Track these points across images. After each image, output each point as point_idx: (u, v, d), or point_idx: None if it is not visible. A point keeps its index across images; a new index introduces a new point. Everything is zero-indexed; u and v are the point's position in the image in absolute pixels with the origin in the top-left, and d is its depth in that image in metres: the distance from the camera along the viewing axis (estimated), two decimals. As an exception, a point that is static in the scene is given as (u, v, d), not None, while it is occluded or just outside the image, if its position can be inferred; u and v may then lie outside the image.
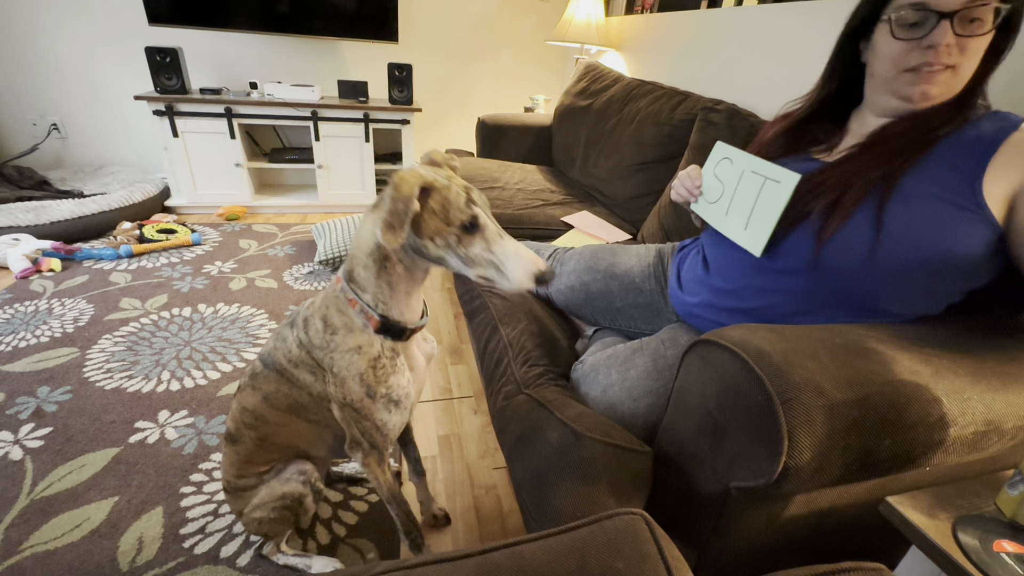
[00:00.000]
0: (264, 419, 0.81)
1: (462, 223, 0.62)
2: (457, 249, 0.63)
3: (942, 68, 0.64)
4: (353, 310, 0.69)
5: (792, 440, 0.50)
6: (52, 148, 2.63)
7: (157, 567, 0.92)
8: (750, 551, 0.68)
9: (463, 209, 0.62)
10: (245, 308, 1.76)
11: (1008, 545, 0.50)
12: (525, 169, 2.17)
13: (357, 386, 0.70)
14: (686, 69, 1.99)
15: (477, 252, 0.63)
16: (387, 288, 0.68)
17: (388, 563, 0.40)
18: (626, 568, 0.37)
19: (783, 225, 0.72)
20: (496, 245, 0.63)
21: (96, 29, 2.44)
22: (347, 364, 0.70)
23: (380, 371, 0.70)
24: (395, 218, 0.58)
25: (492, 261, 0.63)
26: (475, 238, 0.63)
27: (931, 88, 0.66)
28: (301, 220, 2.64)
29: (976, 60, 0.64)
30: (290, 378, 0.76)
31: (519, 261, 0.62)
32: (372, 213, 0.66)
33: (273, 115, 2.49)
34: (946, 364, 0.58)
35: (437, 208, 0.62)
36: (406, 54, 2.84)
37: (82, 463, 1.12)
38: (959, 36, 0.62)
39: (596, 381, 0.84)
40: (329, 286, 0.74)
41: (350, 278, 0.70)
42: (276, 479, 0.86)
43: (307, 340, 0.73)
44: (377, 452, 0.78)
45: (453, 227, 0.62)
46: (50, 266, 1.89)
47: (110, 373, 1.40)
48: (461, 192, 0.63)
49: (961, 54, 0.63)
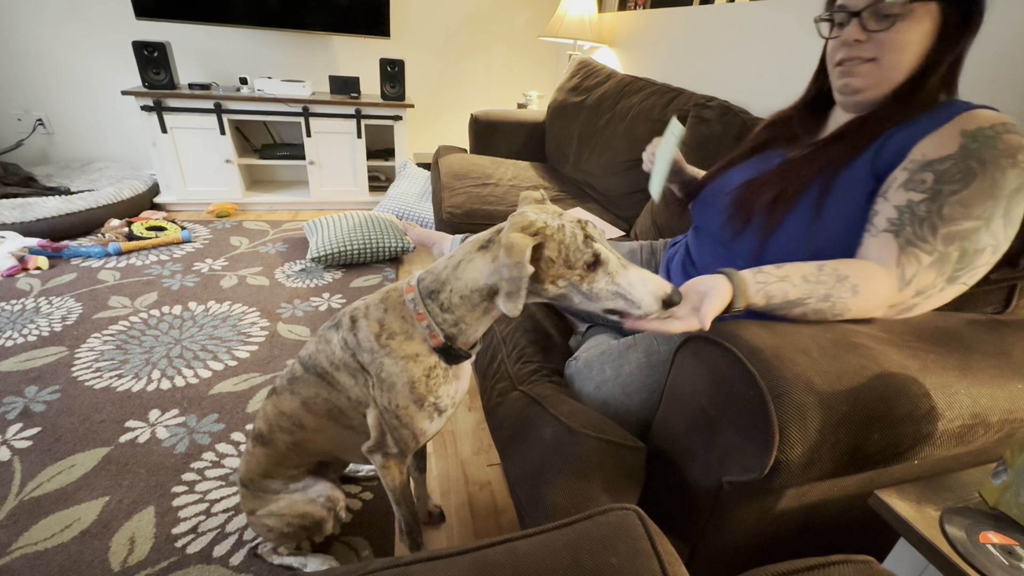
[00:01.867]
0: (301, 424, 0.79)
1: (585, 263, 0.60)
2: (580, 287, 0.61)
3: (861, 61, 0.67)
4: (420, 324, 0.67)
5: (783, 435, 0.51)
6: (38, 144, 2.59)
7: (149, 567, 0.92)
8: (742, 545, 0.69)
9: (582, 249, 0.60)
10: (237, 306, 1.75)
11: (994, 536, 0.51)
12: (518, 166, 2.16)
13: (406, 392, 0.68)
14: (679, 65, 1.99)
15: (601, 287, 0.61)
16: (481, 313, 0.66)
17: (383, 560, 0.40)
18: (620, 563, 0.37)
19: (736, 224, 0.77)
20: (620, 276, 0.61)
21: (82, 22, 2.40)
22: (399, 370, 0.68)
23: (433, 380, 0.69)
24: (512, 285, 0.57)
25: (619, 293, 0.61)
26: (598, 273, 0.61)
27: (853, 80, 0.69)
28: (293, 217, 2.62)
29: (903, 54, 0.65)
30: (331, 381, 0.74)
31: (645, 288, 0.60)
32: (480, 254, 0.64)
33: (264, 111, 2.46)
34: (934, 359, 0.59)
35: (554, 256, 0.60)
36: (398, 49, 2.83)
37: (72, 463, 1.11)
38: (871, 32, 0.65)
39: (590, 377, 0.85)
40: (390, 290, 0.71)
41: (430, 296, 0.67)
42: (302, 494, 0.85)
43: (354, 342, 0.70)
44: (401, 456, 0.77)
45: (576, 269, 0.60)
46: (37, 264, 1.87)
47: (99, 372, 1.38)
48: (578, 231, 0.60)
49: (879, 48, 0.65)
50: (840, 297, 0.61)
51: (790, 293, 0.61)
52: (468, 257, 0.65)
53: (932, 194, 0.60)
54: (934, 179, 0.60)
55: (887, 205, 0.63)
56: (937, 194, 0.59)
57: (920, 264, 0.60)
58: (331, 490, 0.87)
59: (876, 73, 0.67)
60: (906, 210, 0.61)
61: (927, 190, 0.60)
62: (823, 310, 0.61)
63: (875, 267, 0.62)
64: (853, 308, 0.61)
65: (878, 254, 0.62)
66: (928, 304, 0.63)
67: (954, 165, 0.59)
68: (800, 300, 0.61)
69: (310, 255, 2.02)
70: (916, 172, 0.62)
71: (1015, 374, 0.61)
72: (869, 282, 0.61)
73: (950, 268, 0.60)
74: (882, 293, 0.61)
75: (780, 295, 0.61)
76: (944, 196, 0.59)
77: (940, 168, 0.60)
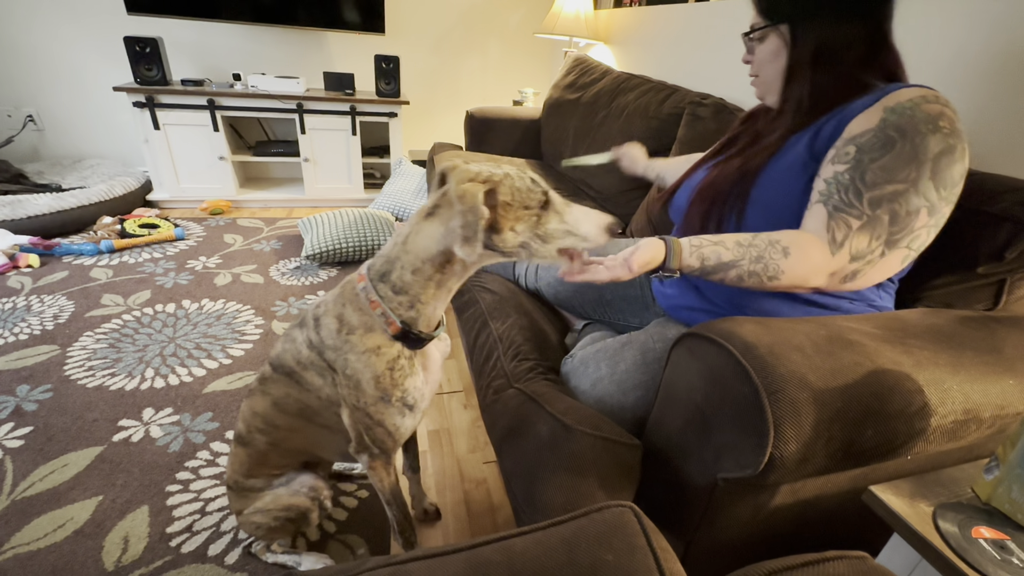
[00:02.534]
0: (275, 424, 0.79)
1: (539, 202, 0.62)
2: (537, 230, 0.63)
3: (753, 75, 0.81)
4: (375, 312, 0.67)
5: (778, 431, 0.51)
6: (28, 140, 2.56)
7: (143, 566, 0.91)
8: (737, 541, 0.69)
9: (533, 188, 0.62)
10: (231, 304, 1.74)
11: (986, 531, 0.52)
12: (514, 163, 2.16)
13: (372, 389, 0.67)
14: (674, 63, 1.99)
15: (554, 227, 0.63)
16: (434, 287, 0.66)
17: (378, 559, 0.40)
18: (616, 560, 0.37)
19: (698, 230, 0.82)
20: (567, 214, 0.64)
21: (73, 17, 2.37)
22: (363, 365, 0.67)
23: (398, 373, 0.68)
24: (469, 230, 0.58)
25: (568, 230, 0.64)
26: (550, 213, 0.63)
27: (755, 90, 0.83)
28: (287, 214, 2.60)
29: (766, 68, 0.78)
30: (299, 381, 0.73)
31: (590, 221, 0.64)
32: (428, 221, 0.64)
33: (257, 107, 2.44)
34: (927, 355, 0.59)
35: (509, 198, 0.61)
36: (393, 46, 2.81)
37: (64, 462, 1.10)
38: (749, 54, 0.80)
39: (586, 375, 0.85)
40: (345, 283, 0.71)
41: (381, 279, 0.67)
42: (285, 488, 0.84)
43: (318, 340, 0.70)
44: (385, 456, 0.76)
45: (532, 210, 0.62)
46: (28, 262, 1.85)
47: (92, 371, 1.37)
48: (524, 175, 0.63)
49: (757, 66, 0.79)
50: (772, 259, 0.64)
51: (723, 255, 0.65)
52: (416, 228, 0.65)
53: (855, 163, 0.64)
54: (856, 150, 0.64)
55: (819, 180, 0.67)
56: (859, 163, 0.63)
57: (850, 228, 0.63)
58: (314, 480, 0.86)
59: (763, 85, 0.80)
60: (832, 181, 0.65)
61: (850, 160, 0.64)
62: (757, 272, 0.65)
63: (808, 234, 0.65)
64: (787, 270, 0.64)
65: (812, 224, 0.66)
66: (873, 271, 0.65)
67: (873, 136, 0.63)
68: (734, 262, 0.65)
69: (305, 253, 2.01)
70: (841, 147, 0.66)
71: (1006, 370, 0.61)
72: (800, 245, 0.64)
73: (884, 232, 0.63)
74: (814, 256, 0.64)
75: (714, 257, 0.66)
76: (865, 164, 0.63)
77: (861, 140, 0.64)
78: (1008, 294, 0.75)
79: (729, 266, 0.65)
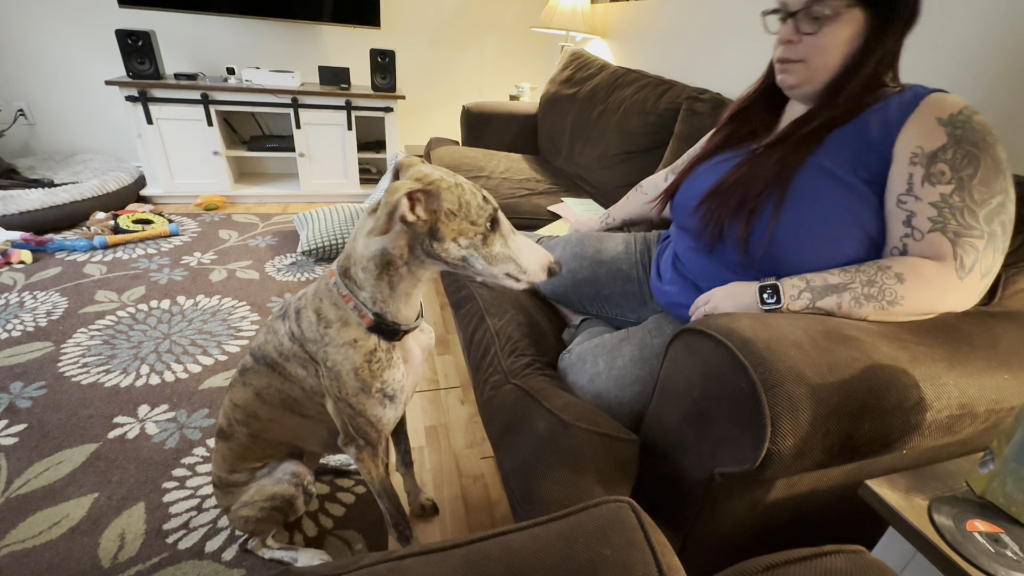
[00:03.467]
0: (256, 415, 0.79)
1: (488, 219, 0.62)
2: (482, 249, 0.63)
3: (793, 60, 0.71)
4: (347, 306, 0.68)
5: (775, 426, 0.51)
6: (19, 135, 2.53)
7: (140, 563, 0.91)
8: (734, 535, 0.70)
9: (483, 206, 0.62)
10: (226, 300, 1.73)
11: (980, 525, 0.52)
12: (511, 158, 2.15)
13: (352, 380, 0.68)
14: (671, 57, 1.99)
15: (499, 249, 0.64)
16: (387, 288, 0.66)
17: (376, 555, 0.39)
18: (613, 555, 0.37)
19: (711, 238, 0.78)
20: (511, 240, 0.64)
21: (63, 10, 2.34)
22: (342, 358, 0.68)
23: (376, 365, 0.69)
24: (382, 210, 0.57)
25: (510, 256, 0.64)
26: (495, 235, 0.63)
27: (788, 77, 0.74)
28: (282, 210, 2.59)
29: (828, 56, 0.69)
30: (282, 372, 0.74)
31: (532, 254, 0.65)
32: (370, 217, 0.64)
33: (252, 102, 2.42)
34: (923, 350, 0.59)
35: (455, 208, 0.60)
36: (389, 40, 2.79)
37: (59, 459, 1.09)
38: (802, 34, 0.69)
39: (583, 370, 0.85)
40: (321, 278, 0.72)
41: (345, 274, 0.68)
42: (268, 478, 0.85)
43: (299, 333, 0.71)
44: (371, 448, 0.77)
45: (479, 227, 0.62)
46: (20, 258, 1.83)
47: (86, 367, 1.36)
48: (476, 191, 0.62)
49: (808, 50, 0.69)
50: (886, 283, 0.63)
51: (830, 279, 0.65)
52: (362, 224, 0.65)
53: (957, 183, 0.62)
54: (950, 170, 0.62)
55: (921, 204, 0.64)
56: (961, 182, 0.62)
57: (977, 250, 0.62)
58: (295, 466, 0.86)
59: (804, 73, 0.72)
60: (943, 205, 0.63)
61: (951, 180, 0.62)
62: (873, 295, 0.63)
63: (924, 260, 0.63)
64: (907, 296, 0.62)
65: (930, 251, 0.64)
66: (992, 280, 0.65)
67: (955, 152, 0.62)
68: (844, 284, 0.64)
69: (301, 248, 2.00)
70: (929, 166, 0.63)
71: (1001, 365, 0.62)
72: (916, 271, 0.63)
73: (1001, 243, 0.63)
74: (937, 281, 0.62)
75: (819, 280, 0.65)
76: (967, 182, 0.62)
77: (946, 158, 0.63)
78: (1003, 289, 0.75)
79: (841, 288, 0.64)
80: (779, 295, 0.66)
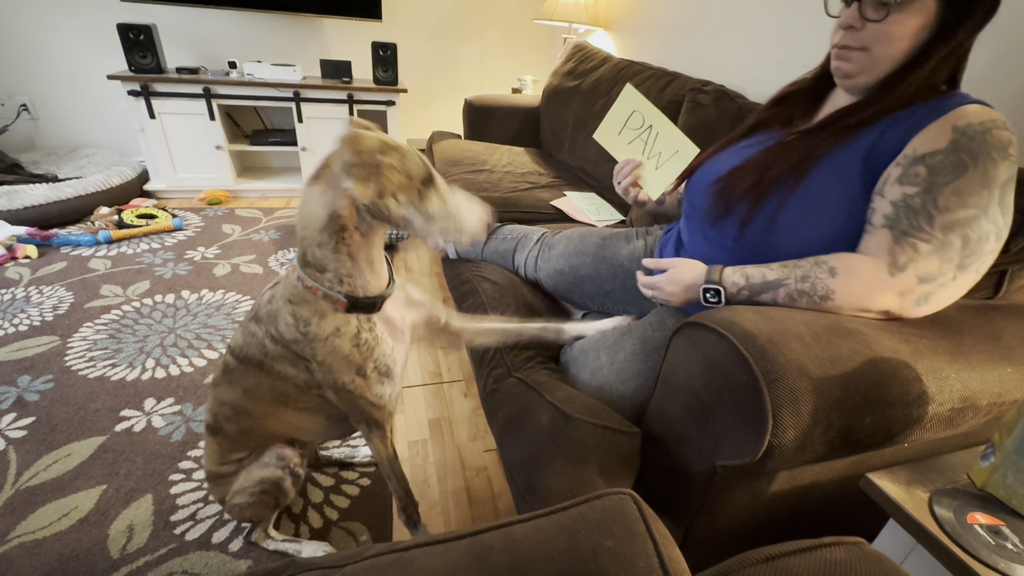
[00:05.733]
0: (246, 412, 0.79)
1: (422, 178, 0.64)
2: (419, 206, 0.64)
3: (853, 48, 0.67)
4: (315, 297, 0.68)
5: (777, 419, 0.51)
6: (23, 130, 2.53)
7: (148, 554, 0.92)
8: (735, 527, 0.70)
9: (419, 164, 0.64)
10: (230, 294, 1.74)
11: (981, 517, 0.52)
12: (513, 151, 2.15)
13: (345, 368, 0.69)
14: (674, 49, 1.97)
15: (436, 207, 0.65)
16: (348, 260, 0.66)
17: (381, 545, 0.40)
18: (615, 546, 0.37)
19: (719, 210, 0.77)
20: (449, 197, 0.66)
21: (65, 5, 2.33)
22: (330, 350, 0.68)
23: (364, 347, 0.70)
24: (363, 171, 0.59)
25: (449, 212, 0.66)
26: (431, 192, 0.65)
27: (844, 65, 0.70)
28: (286, 204, 2.59)
29: (892, 46, 0.64)
30: (270, 371, 0.74)
31: (469, 208, 0.67)
32: (317, 184, 0.64)
33: (254, 95, 2.42)
34: (925, 344, 0.59)
35: (397, 164, 0.62)
36: (390, 32, 2.77)
37: (67, 452, 1.11)
38: (867, 20, 0.65)
39: (585, 364, 0.85)
40: (283, 277, 0.71)
41: (304, 263, 0.67)
42: (254, 464, 0.86)
43: (279, 335, 0.70)
44: (379, 429, 0.79)
45: (415, 182, 0.63)
46: (26, 253, 1.84)
47: (93, 361, 1.37)
48: (414, 151, 0.64)
49: (872, 37, 0.65)
50: (818, 278, 0.63)
51: (768, 275, 0.66)
52: (304, 197, 0.66)
53: (926, 186, 0.60)
54: (927, 172, 0.60)
55: (883, 202, 0.64)
56: (931, 185, 0.60)
57: (916, 251, 0.60)
58: (280, 449, 0.86)
59: (865, 62, 0.67)
60: (901, 204, 0.62)
61: (921, 182, 0.61)
62: (804, 291, 0.64)
63: (859, 256, 0.64)
64: (836, 290, 0.63)
65: (872, 247, 0.64)
66: (945, 293, 0.62)
67: (945, 158, 0.60)
68: (779, 280, 0.65)
69: (304, 243, 2.00)
70: (909, 167, 0.62)
71: (1004, 358, 0.62)
72: (848, 265, 0.63)
73: (957, 256, 0.60)
74: (865, 275, 0.62)
75: (759, 276, 0.67)
76: (938, 187, 0.60)
77: (931, 162, 0.61)
78: (1009, 283, 0.75)
79: (775, 284, 0.65)
80: (721, 296, 0.69)
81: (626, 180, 0.97)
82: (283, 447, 0.87)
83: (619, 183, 1.00)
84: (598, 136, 0.97)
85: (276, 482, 0.85)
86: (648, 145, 0.93)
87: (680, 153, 0.88)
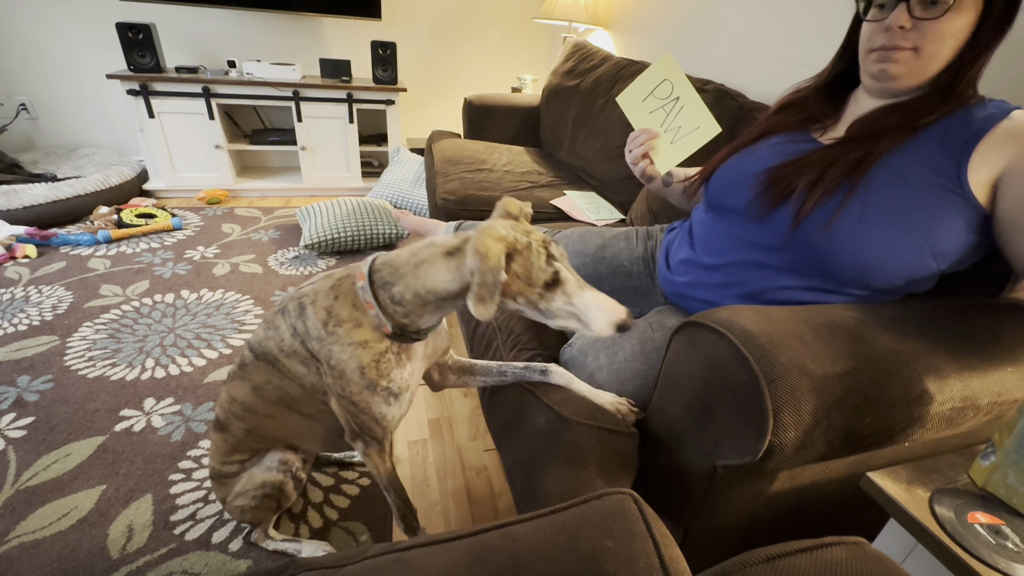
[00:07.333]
0: (253, 410, 0.79)
1: (545, 282, 0.62)
2: (539, 304, 0.63)
3: (902, 49, 0.65)
4: (369, 312, 0.68)
5: (777, 419, 0.51)
6: (22, 129, 2.53)
7: (148, 554, 0.92)
8: (735, 527, 0.70)
9: (544, 268, 0.62)
10: (230, 294, 1.74)
11: (982, 516, 0.52)
12: (513, 151, 2.14)
13: (357, 378, 0.68)
14: (675, 48, 1.97)
15: (558, 306, 0.63)
16: (433, 311, 0.67)
17: (381, 545, 0.40)
18: (616, 546, 0.37)
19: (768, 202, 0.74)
20: (576, 298, 0.63)
21: (64, 4, 2.33)
22: (348, 356, 0.68)
23: (384, 365, 0.69)
24: (485, 291, 0.58)
25: (573, 313, 0.63)
26: (556, 293, 0.63)
27: (891, 67, 0.67)
28: (285, 204, 2.59)
29: (943, 45, 0.63)
30: (281, 369, 0.74)
31: (600, 313, 0.63)
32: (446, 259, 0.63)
33: (253, 95, 2.42)
34: (926, 343, 0.59)
35: (520, 271, 0.61)
36: (390, 32, 2.77)
37: (67, 452, 1.11)
38: (917, 19, 0.63)
39: (584, 364, 0.85)
40: (343, 278, 0.70)
41: (383, 287, 0.67)
42: (257, 467, 0.86)
43: (303, 329, 0.70)
44: (377, 444, 0.77)
45: (536, 287, 0.62)
46: (25, 252, 1.84)
47: (92, 361, 1.37)
48: (541, 250, 0.62)
49: (923, 37, 0.63)
50: None
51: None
52: (432, 260, 0.65)
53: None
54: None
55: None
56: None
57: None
58: (283, 453, 0.87)
59: (914, 63, 0.65)
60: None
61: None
62: None
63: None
64: None
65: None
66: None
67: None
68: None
69: (303, 242, 2.00)
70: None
71: (1005, 357, 0.62)
72: None
73: None
74: None
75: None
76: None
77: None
78: (1012, 283, 0.74)
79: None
80: None
81: (638, 149, 0.93)
82: (285, 451, 0.87)
83: (631, 151, 0.96)
84: (621, 100, 0.94)
85: (278, 486, 0.85)
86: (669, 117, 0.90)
87: (700, 131, 0.84)
